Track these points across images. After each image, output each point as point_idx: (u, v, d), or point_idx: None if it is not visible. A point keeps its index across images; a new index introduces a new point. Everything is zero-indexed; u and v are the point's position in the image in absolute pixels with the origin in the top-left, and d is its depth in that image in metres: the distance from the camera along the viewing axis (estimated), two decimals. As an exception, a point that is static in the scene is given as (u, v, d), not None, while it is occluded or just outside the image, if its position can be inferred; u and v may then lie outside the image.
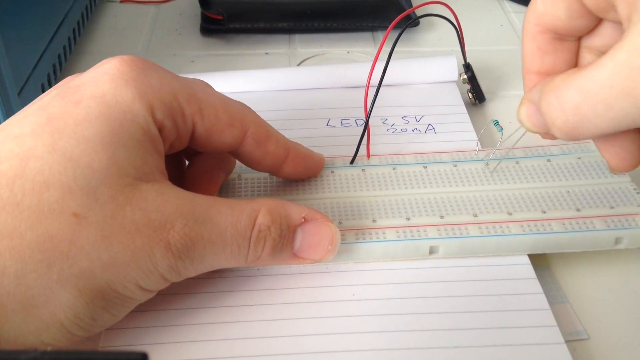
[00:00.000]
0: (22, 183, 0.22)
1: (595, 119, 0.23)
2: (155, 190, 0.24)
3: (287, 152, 0.30)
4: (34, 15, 0.38)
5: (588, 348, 0.27)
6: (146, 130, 0.25)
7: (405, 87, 0.42)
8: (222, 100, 0.28)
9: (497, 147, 0.34)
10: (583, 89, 0.23)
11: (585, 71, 0.23)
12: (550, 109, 0.25)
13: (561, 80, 0.24)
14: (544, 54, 0.28)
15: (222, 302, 0.28)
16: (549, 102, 0.25)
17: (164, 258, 0.24)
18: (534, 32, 0.27)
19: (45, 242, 0.22)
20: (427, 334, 0.27)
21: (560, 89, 0.24)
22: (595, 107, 0.23)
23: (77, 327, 0.23)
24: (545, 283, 0.29)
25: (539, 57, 0.28)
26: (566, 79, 0.24)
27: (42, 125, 0.24)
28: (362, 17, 0.50)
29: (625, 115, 0.23)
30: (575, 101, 0.24)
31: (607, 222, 0.30)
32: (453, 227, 0.30)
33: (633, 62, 0.22)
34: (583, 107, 0.23)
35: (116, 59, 0.26)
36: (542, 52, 0.28)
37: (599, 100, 0.23)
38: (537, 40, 0.28)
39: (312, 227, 0.28)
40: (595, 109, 0.23)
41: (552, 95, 0.25)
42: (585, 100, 0.23)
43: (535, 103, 0.26)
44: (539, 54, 0.28)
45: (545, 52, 0.28)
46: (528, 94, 0.27)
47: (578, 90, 0.23)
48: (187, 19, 0.53)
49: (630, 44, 0.22)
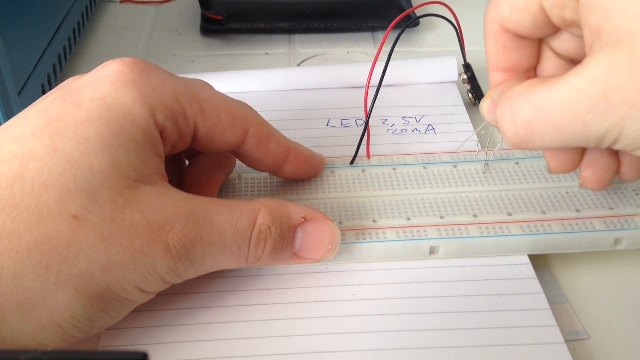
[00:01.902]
0: (21, 184, 0.22)
1: (544, 136, 0.24)
2: (154, 192, 0.24)
3: (287, 151, 0.30)
4: (34, 15, 0.38)
5: (588, 348, 0.27)
6: (147, 132, 0.25)
7: (405, 87, 0.42)
8: (223, 100, 0.28)
9: (498, 148, 0.34)
10: (537, 106, 0.24)
11: (542, 88, 0.24)
12: (503, 118, 0.25)
13: (518, 92, 0.25)
14: (508, 52, 0.28)
15: (222, 302, 0.28)
16: (503, 112, 0.25)
17: (163, 260, 0.24)
18: (497, 31, 0.27)
19: (43, 243, 0.22)
20: (427, 334, 0.27)
21: (515, 101, 0.25)
22: (545, 126, 0.24)
23: (75, 329, 0.23)
24: (545, 283, 0.29)
25: (503, 54, 0.28)
26: (523, 92, 0.25)
27: (43, 127, 0.24)
28: (362, 17, 0.50)
29: (572, 137, 0.24)
30: (527, 116, 0.24)
31: (606, 222, 0.30)
32: (453, 227, 0.30)
33: (588, 91, 0.22)
34: (534, 124, 0.24)
35: (117, 61, 0.26)
36: (507, 50, 0.28)
37: (550, 120, 0.24)
38: (500, 38, 0.28)
39: (312, 227, 0.28)
40: (546, 127, 0.24)
41: (507, 105, 0.25)
42: (537, 118, 0.24)
43: (495, 102, 0.27)
44: (503, 51, 0.28)
45: (510, 50, 0.28)
46: (492, 91, 0.28)
47: (532, 106, 0.24)
48: (187, 19, 0.53)
49: (588, 73, 0.23)
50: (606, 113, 0.22)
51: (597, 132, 0.23)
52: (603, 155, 0.28)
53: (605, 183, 0.29)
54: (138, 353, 0.15)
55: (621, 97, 0.22)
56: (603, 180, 0.29)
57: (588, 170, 0.28)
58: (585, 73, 0.23)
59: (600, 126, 0.23)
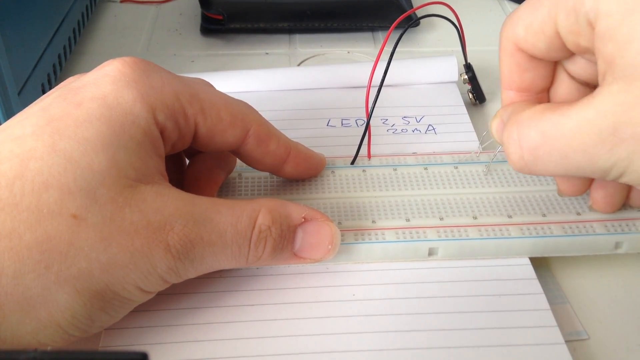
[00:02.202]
0: (21, 184, 0.22)
1: (549, 164, 0.24)
2: (154, 191, 0.24)
3: (288, 151, 0.30)
4: (34, 15, 0.38)
5: (588, 348, 0.27)
6: (147, 132, 0.25)
7: (405, 88, 0.42)
8: (224, 99, 0.28)
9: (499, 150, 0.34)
10: (545, 134, 0.24)
11: (552, 115, 0.24)
12: (510, 142, 0.25)
13: (527, 116, 0.25)
14: (522, 71, 0.28)
15: (222, 302, 0.28)
16: (510, 136, 0.25)
17: (163, 259, 0.24)
18: (512, 50, 0.27)
19: (44, 243, 0.22)
20: (427, 334, 0.27)
21: (523, 126, 0.25)
22: (552, 154, 0.24)
23: (75, 328, 0.23)
24: (546, 283, 0.29)
25: (517, 73, 0.28)
26: (532, 117, 0.25)
27: (43, 126, 0.24)
28: (363, 17, 0.50)
29: (577, 168, 0.24)
30: (535, 142, 0.24)
31: (607, 226, 0.30)
32: (452, 229, 0.30)
33: (598, 123, 0.22)
34: (541, 151, 0.24)
35: (118, 60, 0.26)
36: (521, 69, 0.28)
37: (557, 149, 0.24)
38: (515, 57, 0.27)
39: (313, 227, 0.28)
40: (552, 155, 0.24)
41: (514, 129, 0.25)
42: (544, 145, 0.24)
43: (504, 122, 0.27)
44: (517, 70, 0.28)
45: (524, 70, 0.27)
46: (502, 110, 0.28)
47: (540, 133, 0.24)
48: (187, 19, 0.53)
49: (600, 105, 0.22)
50: (614, 147, 0.22)
51: (604, 166, 0.23)
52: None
53: (615, 206, 0.29)
54: (138, 353, 0.15)
55: (631, 133, 0.22)
56: (614, 202, 0.29)
57: (599, 191, 0.29)
58: (596, 105, 0.22)
59: (607, 160, 0.23)
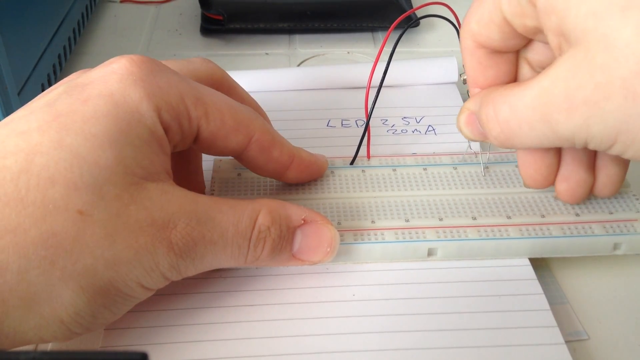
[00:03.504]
0: (27, 179, 0.22)
1: (522, 136, 0.25)
2: (159, 189, 0.24)
3: (291, 159, 0.30)
4: (34, 15, 0.38)
5: (588, 348, 0.27)
6: (153, 130, 0.25)
7: (405, 88, 0.42)
8: (228, 104, 0.28)
9: (498, 151, 0.34)
10: (512, 107, 0.25)
11: (517, 89, 0.25)
12: (488, 119, 0.26)
13: (499, 94, 0.26)
14: (484, 68, 0.28)
15: (222, 302, 0.28)
16: (487, 114, 0.26)
17: (166, 257, 0.24)
18: (472, 48, 0.28)
19: (49, 238, 0.22)
20: (427, 335, 0.27)
21: (496, 103, 0.26)
22: (520, 125, 0.24)
23: (77, 324, 0.23)
24: (545, 283, 0.29)
25: (480, 71, 0.28)
26: (503, 93, 0.25)
27: (49, 122, 0.23)
28: (362, 18, 0.50)
29: (546, 137, 0.24)
30: (506, 115, 0.25)
31: (605, 227, 0.30)
32: (452, 229, 0.30)
33: (553, 90, 0.23)
34: (511, 123, 0.25)
35: (125, 58, 0.26)
36: (483, 67, 0.28)
37: (524, 120, 0.24)
38: (476, 56, 0.28)
39: (312, 229, 0.28)
40: (521, 126, 0.24)
41: (490, 107, 0.26)
42: (513, 118, 0.25)
43: (474, 112, 0.28)
44: (480, 68, 0.28)
45: (486, 67, 0.28)
46: (467, 103, 0.28)
47: (509, 106, 0.25)
48: (187, 19, 0.53)
49: (555, 73, 0.23)
50: (570, 114, 0.22)
51: (565, 134, 0.23)
52: (579, 172, 0.29)
53: (579, 197, 0.30)
54: (138, 353, 0.15)
55: (582, 97, 0.22)
56: (576, 194, 0.29)
57: (562, 184, 0.29)
58: (552, 73, 0.23)
59: (567, 128, 0.23)
